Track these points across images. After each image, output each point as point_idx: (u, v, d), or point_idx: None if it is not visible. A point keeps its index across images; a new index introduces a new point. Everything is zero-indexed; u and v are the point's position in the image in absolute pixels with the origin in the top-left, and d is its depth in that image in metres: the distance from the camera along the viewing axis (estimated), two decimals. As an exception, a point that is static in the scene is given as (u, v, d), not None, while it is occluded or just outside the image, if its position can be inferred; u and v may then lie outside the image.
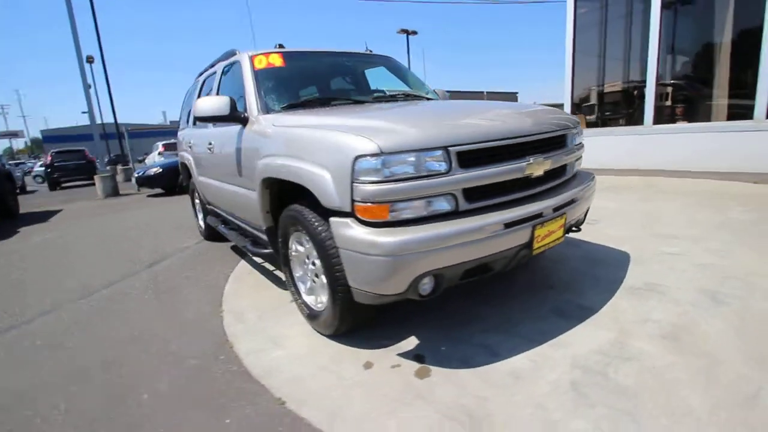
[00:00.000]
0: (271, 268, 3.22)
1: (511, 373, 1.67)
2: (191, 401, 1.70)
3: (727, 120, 5.53)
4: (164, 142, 15.10)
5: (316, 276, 2.09)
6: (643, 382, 1.53)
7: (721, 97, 5.73)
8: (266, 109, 2.45)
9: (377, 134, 1.59)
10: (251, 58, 2.74)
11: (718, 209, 3.67)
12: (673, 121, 6.13)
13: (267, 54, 2.79)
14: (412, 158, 1.56)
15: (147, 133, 29.28)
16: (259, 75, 2.63)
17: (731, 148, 5.21)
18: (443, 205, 1.64)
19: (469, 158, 1.66)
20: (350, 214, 1.63)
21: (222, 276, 3.18)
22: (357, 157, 1.55)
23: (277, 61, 2.77)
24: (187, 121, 4.17)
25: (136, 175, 9.75)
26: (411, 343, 1.97)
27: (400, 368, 1.78)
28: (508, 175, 1.76)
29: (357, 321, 1.97)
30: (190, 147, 3.92)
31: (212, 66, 3.59)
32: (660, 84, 6.03)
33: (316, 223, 1.84)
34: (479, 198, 1.71)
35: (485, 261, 1.72)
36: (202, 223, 4.47)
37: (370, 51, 3.41)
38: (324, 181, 1.68)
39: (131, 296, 2.96)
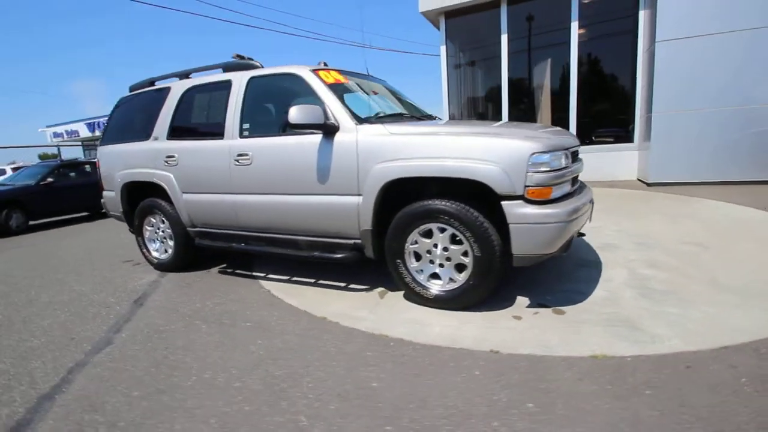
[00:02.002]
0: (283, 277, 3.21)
1: (605, 297, 2.50)
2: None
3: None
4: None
5: (447, 260, 2.48)
6: (660, 279, 2.60)
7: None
8: (359, 120, 2.67)
9: (535, 139, 2.23)
10: (315, 73, 2.86)
11: (610, 202, 5.54)
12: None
13: (328, 70, 2.96)
14: (559, 154, 2.26)
15: None
16: (332, 89, 2.80)
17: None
18: (567, 188, 2.38)
19: (573, 157, 2.46)
20: (520, 197, 2.19)
21: (276, 302, 2.99)
22: (532, 154, 2.14)
23: (340, 77, 2.97)
24: (147, 135, 3.58)
25: None
26: (523, 301, 2.57)
27: (540, 314, 2.38)
28: (578, 171, 2.64)
29: (491, 290, 2.45)
30: (166, 163, 3.42)
31: (203, 81, 3.37)
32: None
33: (466, 211, 2.29)
34: (573, 185, 2.53)
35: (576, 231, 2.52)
36: (156, 254, 3.81)
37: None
38: (497, 173, 2.18)
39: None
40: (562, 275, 2.95)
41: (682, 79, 5.89)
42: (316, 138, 2.72)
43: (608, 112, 7.42)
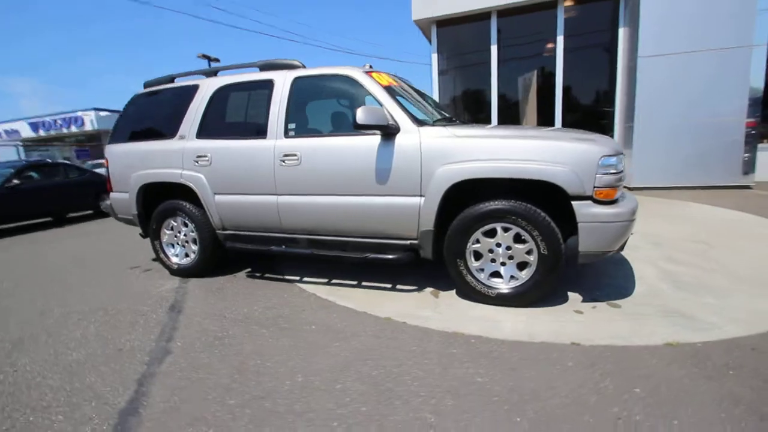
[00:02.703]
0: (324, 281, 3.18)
1: (647, 291, 2.69)
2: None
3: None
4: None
5: (509, 258, 2.56)
6: (685, 273, 2.84)
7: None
8: (419, 122, 2.70)
9: (603, 143, 2.38)
10: (369, 74, 2.86)
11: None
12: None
13: (379, 72, 2.97)
14: (622, 157, 2.41)
15: None
16: (388, 91, 2.81)
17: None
18: (623, 190, 2.54)
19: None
20: (589, 197, 2.32)
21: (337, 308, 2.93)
22: (602, 156, 2.28)
23: (392, 80, 2.99)
24: (172, 134, 3.40)
25: None
26: (574, 297, 2.70)
27: (597, 308, 2.52)
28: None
29: (553, 287, 2.56)
30: (196, 163, 3.26)
31: (238, 80, 3.26)
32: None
33: (534, 211, 2.40)
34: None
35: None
36: (176, 259, 3.61)
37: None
38: (569, 175, 2.30)
39: None
40: (599, 273, 3.13)
41: (660, 92, 6.44)
42: (374, 139, 2.72)
43: (590, 121, 7.93)
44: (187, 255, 3.61)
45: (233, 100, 3.34)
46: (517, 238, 2.52)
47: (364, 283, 3.19)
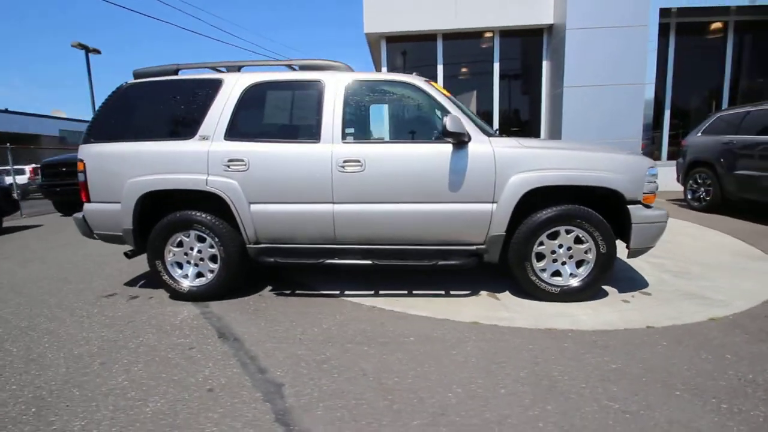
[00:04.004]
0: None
1: (657, 280, 3.25)
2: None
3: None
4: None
5: (569, 258, 2.85)
6: (668, 264, 3.53)
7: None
8: (486, 132, 2.83)
9: (645, 156, 2.82)
10: (430, 83, 2.90)
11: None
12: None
13: (433, 82, 3.01)
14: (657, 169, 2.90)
15: None
16: (452, 101, 2.88)
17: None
18: (650, 197, 3.05)
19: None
20: (639, 202, 2.73)
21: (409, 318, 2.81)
22: (649, 167, 2.72)
23: (445, 90, 3.05)
24: (188, 133, 2.91)
25: None
26: (610, 290, 3.11)
27: (636, 297, 2.97)
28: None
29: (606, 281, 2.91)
30: (227, 168, 2.85)
31: (277, 78, 2.97)
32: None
33: (596, 215, 2.73)
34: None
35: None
36: (185, 281, 3.08)
37: None
38: (627, 182, 2.68)
39: None
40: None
41: (581, 116, 7.70)
42: (446, 147, 2.77)
43: (520, 139, 9.02)
44: (200, 275, 3.09)
45: (271, 100, 3.03)
46: (576, 239, 2.83)
47: (414, 292, 3.17)
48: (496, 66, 8.44)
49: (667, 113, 8.39)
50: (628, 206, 2.75)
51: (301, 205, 2.88)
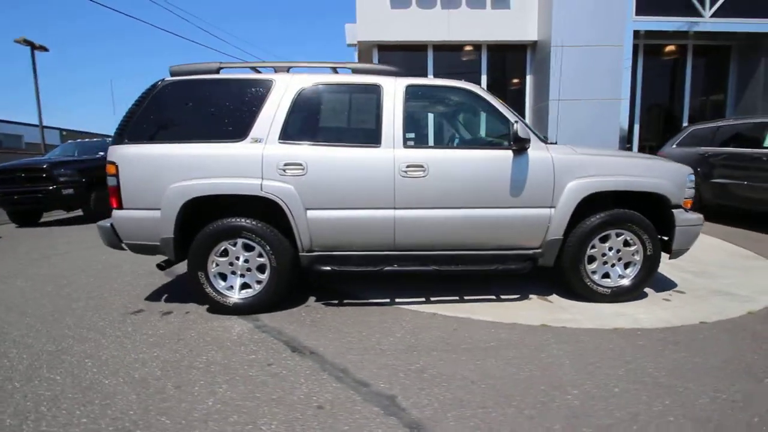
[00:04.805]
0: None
1: (683, 280, 3.49)
2: (701, 347, 2.32)
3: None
4: None
5: (618, 260, 2.99)
6: (685, 265, 3.81)
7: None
8: (542, 139, 2.92)
9: (684, 164, 3.04)
10: (484, 90, 2.94)
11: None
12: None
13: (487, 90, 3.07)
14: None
15: None
16: (507, 107, 2.94)
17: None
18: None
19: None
20: (680, 207, 2.92)
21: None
22: (689, 174, 2.93)
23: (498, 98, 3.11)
24: (239, 135, 2.74)
25: None
26: (648, 291, 3.29)
27: (673, 295, 3.17)
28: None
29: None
30: (283, 172, 2.71)
31: (334, 80, 2.89)
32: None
33: (644, 218, 2.90)
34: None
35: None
36: (230, 293, 2.87)
37: None
38: (673, 188, 2.87)
39: None
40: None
41: (562, 129, 8.13)
42: (507, 153, 2.82)
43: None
44: (246, 287, 2.89)
45: (326, 102, 2.93)
46: (624, 242, 2.98)
47: (466, 298, 3.17)
48: (484, 78, 8.75)
49: (637, 127, 9.11)
50: (673, 210, 2.94)
51: (361, 211, 2.80)
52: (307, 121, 2.89)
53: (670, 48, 9.10)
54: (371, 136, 2.83)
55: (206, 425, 1.70)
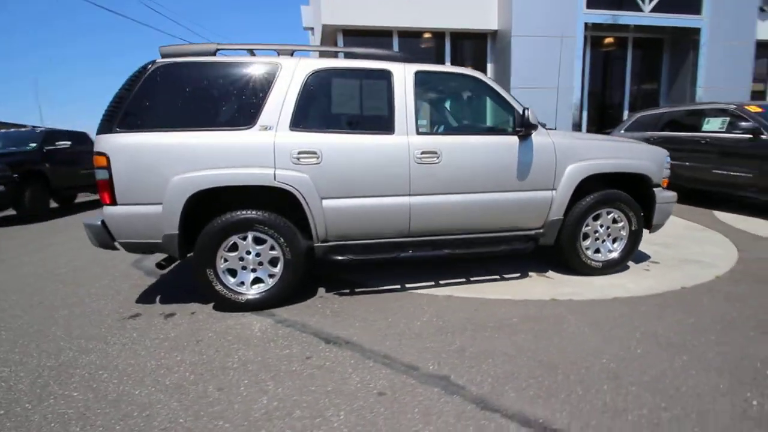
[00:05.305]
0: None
1: (654, 252, 3.90)
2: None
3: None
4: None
5: (607, 236, 3.26)
6: (651, 238, 4.26)
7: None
8: (541, 124, 3.06)
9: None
10: (487, 76, 3.02)
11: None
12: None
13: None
14: (667, 157, 3.46)
15: None
16: (510, 94, 3.05)
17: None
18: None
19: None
20: (659, 186, 3.24)
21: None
22: (666, 155, 3.25)
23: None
24: (246, 122, 2.59)
25: None
26: (631, 263, 3.63)
27: (650, 267, 3.52)
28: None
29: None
30: (296, 161, 2.62)
31: (343, 65, 2.81)
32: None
33: (631, 198, 3.18)
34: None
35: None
36: (242, 289, 2.75)
37: None
38: (655, 169, 3.16)
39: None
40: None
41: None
42: (513, 138, 2.94)
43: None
44: (257, 281, 2.78)
45: (335, 88, 2.84)
46: (613, 219, 3.25)
47: (471, 279, 3.29)
48: (447, 65, 8.90)
49: (585, 114, 9.81)
50: (654, 189, 3.25)
51: (377, 199, 2.78)
52: (317, 108, 2.79)
53: (610, 40, 9.84)
54: (384, 123, 2.81)
55: (272, 423, 1.64)
